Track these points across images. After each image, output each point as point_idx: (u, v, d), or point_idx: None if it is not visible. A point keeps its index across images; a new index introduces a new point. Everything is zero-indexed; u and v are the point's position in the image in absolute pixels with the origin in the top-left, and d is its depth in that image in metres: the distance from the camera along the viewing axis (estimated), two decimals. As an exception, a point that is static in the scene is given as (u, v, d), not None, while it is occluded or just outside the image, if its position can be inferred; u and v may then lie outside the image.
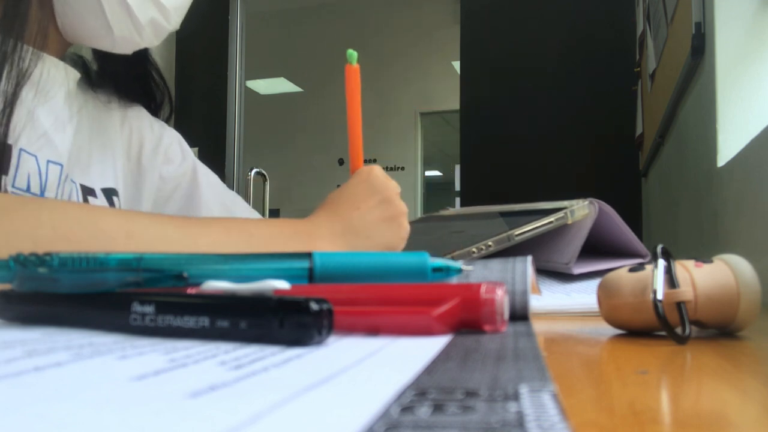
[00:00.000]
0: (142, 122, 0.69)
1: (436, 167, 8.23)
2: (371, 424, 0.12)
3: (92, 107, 0.63)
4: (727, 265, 0.30)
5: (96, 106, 0.64)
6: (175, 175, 0.69)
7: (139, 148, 0.67)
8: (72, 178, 0.57)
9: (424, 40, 5.64)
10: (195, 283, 0.28)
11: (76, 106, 0.60)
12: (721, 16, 1.01)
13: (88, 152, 0.61)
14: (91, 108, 0.63)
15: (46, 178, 0.52)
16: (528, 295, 0.35)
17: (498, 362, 0.19)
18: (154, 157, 0.68)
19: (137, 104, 0.69)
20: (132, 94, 0.67)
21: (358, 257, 0.32)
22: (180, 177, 0.69)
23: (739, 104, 0.99)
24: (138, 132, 0.68)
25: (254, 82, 5.93)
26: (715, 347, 0.28)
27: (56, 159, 0.54)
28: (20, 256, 0.27)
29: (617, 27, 2.37)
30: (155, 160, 0.68)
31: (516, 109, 2.48)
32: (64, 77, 0.57)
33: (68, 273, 0.27)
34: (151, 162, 0.67)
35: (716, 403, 0.18)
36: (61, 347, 0.20)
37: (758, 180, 0.79)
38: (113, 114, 0.66)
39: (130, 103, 0.68)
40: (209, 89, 3.04)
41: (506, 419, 0.12)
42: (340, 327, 0.25)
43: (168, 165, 0.69)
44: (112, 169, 0.63)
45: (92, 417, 0.12)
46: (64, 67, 0.57)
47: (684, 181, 1.40)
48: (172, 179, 0.69)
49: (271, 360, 0.18)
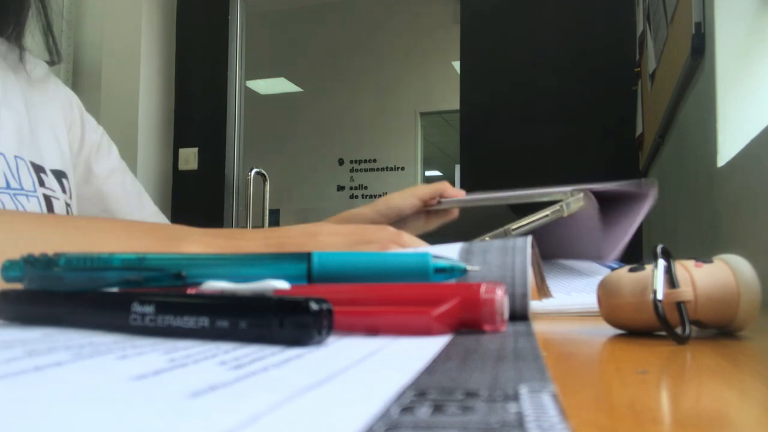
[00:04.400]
0: (72, 111, 0.69)
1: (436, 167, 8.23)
2: (371, 424, 0.12)
3: (14, 81, 0.63)
4: (727, 265, 0.30)
5: (17, 80, 0.63)
6: (108, 168, 0.70)
7: (78, 140, 0.68)
8: (19, 155, 0.57)
9: (424, 40, 5.64)
10: (195, 283, 0.28)
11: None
12: (721, 16, 1.01)
13: (30, 128, 0.61)
14: (13, 82, 0.62)
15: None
16: (528, 296, 0.35)
17: (498, 362, 0.19)
18: (89, 151, 0.69)
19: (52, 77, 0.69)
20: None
21: (358, 257, 0.32)
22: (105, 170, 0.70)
23: (739, 104, 0.99)
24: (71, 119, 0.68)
25: (254, 82, 5.93)
26: (715, 347, 0.28)
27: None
28: (30, 257, 0.28)
29: (617, 27, 2.37)
30: (88, 153, 0.69)
31: (516, 109, 2.48)
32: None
33: (74, 272, 0.28)
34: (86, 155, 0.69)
35: (716, 403, 0.18)
36: (61, 347, 0.20)
37: (758, 180, 0.79)
38: (40, 90, 0.66)
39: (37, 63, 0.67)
40: (209, 89, 3.04)
41: (506, 420, 0.12)
42: (340, 327, 0.25)
43: (97, 158, 0.70)
44: (59, 151, 0.64)
45: (92, 417, 0.12)
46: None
47: (684, 181, 1.40)
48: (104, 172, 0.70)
49: (271, 360, 0.18)
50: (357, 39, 5.78)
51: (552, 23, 2.45)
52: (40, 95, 0.65)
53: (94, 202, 0.69)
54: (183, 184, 3.04)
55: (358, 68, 5.79)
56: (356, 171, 5.95)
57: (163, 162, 3.01)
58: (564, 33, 2.43)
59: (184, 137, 3.06)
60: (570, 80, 2.41)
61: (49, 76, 0.69)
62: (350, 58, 5.81)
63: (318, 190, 5.92)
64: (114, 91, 2.83)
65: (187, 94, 3.07)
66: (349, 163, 5.97)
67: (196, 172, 3.02)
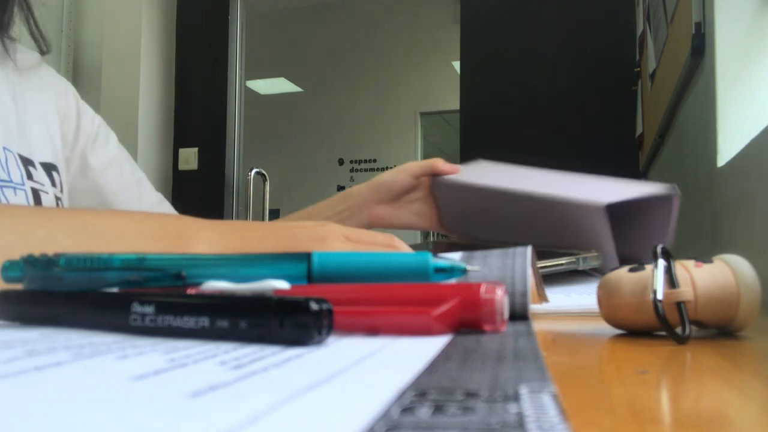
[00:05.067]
0: (68, 102, 0.68)
1: (436, 167, 8.21)
2: (372, 424, 0.12)
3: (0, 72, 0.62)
4: (727, 265, 0.30)
5: (4, 71, 0.63)
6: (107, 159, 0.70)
7: (73, 130, 0.67)
8: (7, 147, 0.56)
9: (424, 40, 5.63)
10: (195, 284, 0.28)
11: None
12: (721, 16, 1.01)
13: (17, 120, 0.60)
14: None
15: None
16: (528, 296, 0.35)
17: (498, 362, 0.19)
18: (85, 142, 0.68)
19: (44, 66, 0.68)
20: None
21: (359, 258, 0.32)
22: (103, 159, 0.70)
23: (739, 104, 0.99)
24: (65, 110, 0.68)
25: (254, 82, 5.93)
26: (715, 347, 0.28)
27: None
28: (30, 257, 0.28)
29: (617, 27, 2.37)
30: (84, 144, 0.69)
31: (516, 109, 2.48)
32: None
33: (73, 272, 0.28)
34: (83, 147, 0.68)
35: (716, 403, 0.18)
36: (61, 347, 0.20)
37: (758, 180, 0.79)
38: (30, 80, 0.65)
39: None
40: (209, 89, 3.04)
41: (506, 420, 0.12)
42: (340, 327, 0.25)
43: (94, 147, 0.69)
44: (50, 143, 0.63)
45: (92, 417, 0.12)
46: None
47: (684, 181, 1.40)
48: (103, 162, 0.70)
49: (271, 360, 0.18)
50: (357, 39, 5.78)
51: (552, 23, 2.45)
52: (30, 85, 0.64)
53: (90, 195, 0.68)
54: (183, 184, 3.04)
55: (358, 68, 5.79)
56: (356, 171, 5.94)
57: (163, 162, 3.01)
58: (564, 33, 2.43)
59: (184, 137, 3.06)
60: (570, 80, 2.41)
61: (41, 65, 0.67)
62: (350, 58, 5.81)
63: (318, 190, 5.91)
64: (114, 91, 2.83)
65: (187, 94, 3.07)
66: (349, 163, 5.97)
67: (196, 172, 3.02)
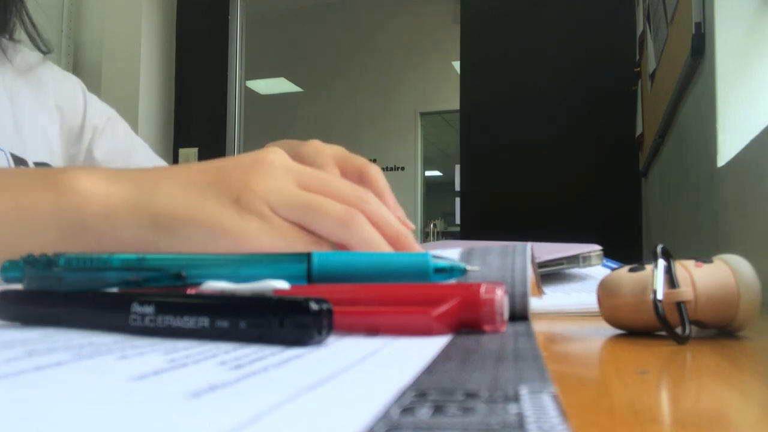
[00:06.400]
0: (75, 94, 0.68)
1: (436, 167, 8.23)
2: (372, 425, 0.12)
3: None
4: (727, 265, 0.30)
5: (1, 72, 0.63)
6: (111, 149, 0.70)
7: (76, 128, 0.68)
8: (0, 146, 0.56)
9: (424, 40, 5.64)
10: (194, 284, 0.28)
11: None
12: (721, 16, 1.01)
13: (13, 119, 0.60)
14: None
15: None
16: (528, 296, 0.35)
17: (498, 363, 0.19)
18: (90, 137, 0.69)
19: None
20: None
21: (359, 258, 0.32)
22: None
23: (739, 104, 0.99)
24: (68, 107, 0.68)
25: (254, 82, 5.93)
26: (715, 347, 0.28)
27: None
28: (30, 257, 0.28)
29: (617, 27, 2.37)
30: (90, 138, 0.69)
31: (516, 109, 2.48)
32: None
33: (73, 272, 0.28)
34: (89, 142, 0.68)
35: (716, 403, 0.18)
36: (61, 347, 0.20)
37: (758, 180, 0.79)
38: (29, 79, 0.65)
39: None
40: (209, 89, 3.04)
41: (506, 421, 0.12)
42: (340, 327, 0.25)
43: (100, 140, 0.70)
44: (46, 143, 0.63)
45: (92, 417, 0.12)
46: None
47: (684, 181, 1.40)
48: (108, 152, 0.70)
49: (271, 360, 0.18)
50: (357, 39, 5.78)
51: (552, 23, 2.45)
52: (29, 85, 0.64)
53: None
54: (183, 184, 3.03)
55: (358, 68, 5.79)
56: (356, 171, 5.93)
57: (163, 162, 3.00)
58: (564, 33, 2.43)
59: (184, 137, 3.06)
60: (570, 80, 2.41)
61: (42, 63, 0.67)
62: (350, 58, 5.81)
63: (318, 190, 5.91)
64: (114, 91, 2.83)
65: (187, 94, 3.07)
66: (349, 163, 5.96)
67: (196, 172, 3.02)
